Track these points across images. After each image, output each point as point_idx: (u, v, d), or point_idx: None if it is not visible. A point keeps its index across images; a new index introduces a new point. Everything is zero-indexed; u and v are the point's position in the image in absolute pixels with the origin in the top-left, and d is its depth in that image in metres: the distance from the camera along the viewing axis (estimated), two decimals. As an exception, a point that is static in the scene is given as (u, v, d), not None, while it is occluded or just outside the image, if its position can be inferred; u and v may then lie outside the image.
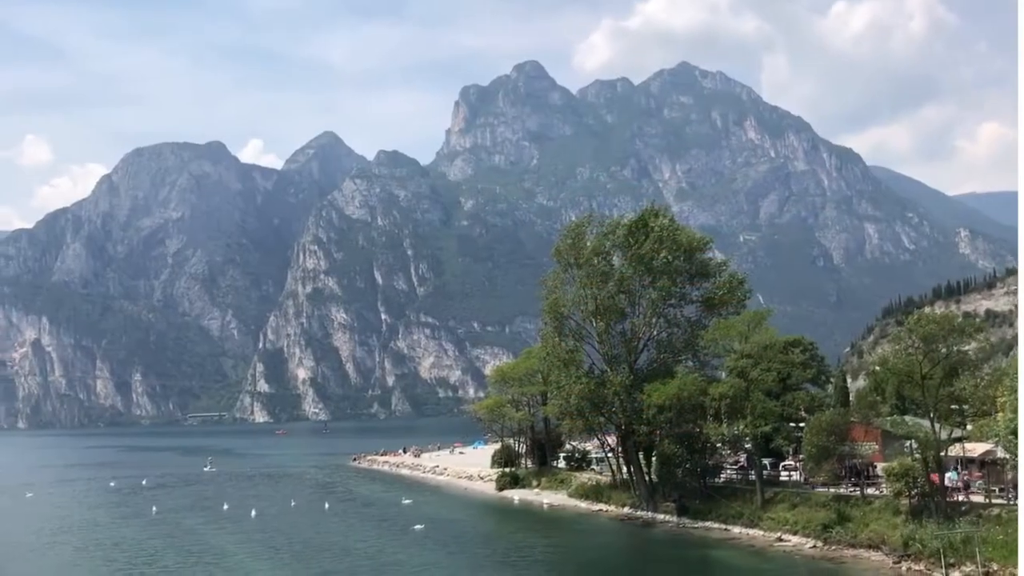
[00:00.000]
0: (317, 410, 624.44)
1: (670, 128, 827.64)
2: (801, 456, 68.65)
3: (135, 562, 60.90)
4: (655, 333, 78.56)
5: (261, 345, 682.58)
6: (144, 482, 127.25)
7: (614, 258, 78.17)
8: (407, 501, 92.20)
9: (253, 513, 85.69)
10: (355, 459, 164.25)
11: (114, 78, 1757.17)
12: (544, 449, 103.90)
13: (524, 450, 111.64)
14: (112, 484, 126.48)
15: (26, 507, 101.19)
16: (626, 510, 76.95)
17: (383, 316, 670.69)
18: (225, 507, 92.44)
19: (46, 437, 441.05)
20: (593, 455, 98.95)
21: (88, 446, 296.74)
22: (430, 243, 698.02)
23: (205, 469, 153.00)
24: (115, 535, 74.77)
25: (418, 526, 72.49)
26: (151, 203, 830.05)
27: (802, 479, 67.49)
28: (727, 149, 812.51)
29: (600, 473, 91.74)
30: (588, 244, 78.97)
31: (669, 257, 73.68)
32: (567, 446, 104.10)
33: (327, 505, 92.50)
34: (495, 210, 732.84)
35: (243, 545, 67.02)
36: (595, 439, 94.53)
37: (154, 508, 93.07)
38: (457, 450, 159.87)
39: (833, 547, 55.85)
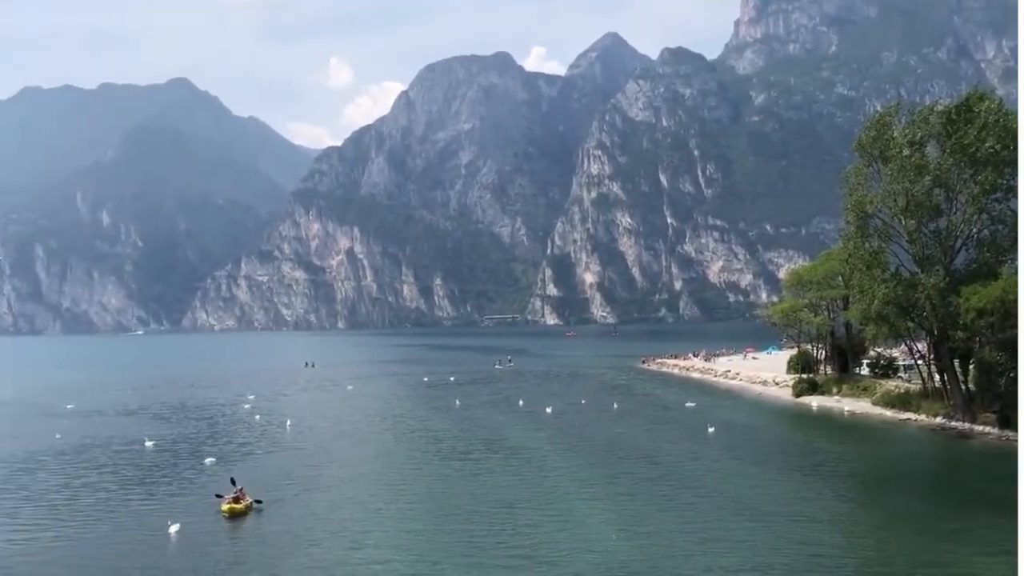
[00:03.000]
0: (604, 313, 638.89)
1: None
2: None
3: (446, 453, 65.08)
4: (975, 231, 70.73)
5: (549, 251, 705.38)
6: (452, 378, 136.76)
7: (928, 149, 70.82)
8: (690, 404, 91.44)
9: (548, 410, 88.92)
10: (644, 361, 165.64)
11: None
12: (845, 355, 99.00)
13: (823, 356, 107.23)
14: (426, 379, 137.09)
15: (349, 399, 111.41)
16: (938, 420, 71.57)
17: (669, 220, 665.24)
18: (521, 403, 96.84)
19: (361, 336, 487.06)
20: (900, 362, 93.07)
21: (396, 344, 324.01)
22: (718, 142, 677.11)
23: (496, 367, 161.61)
24: (426, 426, 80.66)
25: (711, 428, 71.92)
26: (445, 116, 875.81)
27: None
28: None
29: (908, 381, 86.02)
30: (897, 135, 72.14)
31: (996, 146, 65.49)
32: (871, 352, 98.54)
33: (616, 405, 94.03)
34: (789, 103, 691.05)
35: (541, 441, 69.63)
36: (902, 345, 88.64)
37: (457, 401, 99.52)
38: (749, 355, 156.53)
39: None
